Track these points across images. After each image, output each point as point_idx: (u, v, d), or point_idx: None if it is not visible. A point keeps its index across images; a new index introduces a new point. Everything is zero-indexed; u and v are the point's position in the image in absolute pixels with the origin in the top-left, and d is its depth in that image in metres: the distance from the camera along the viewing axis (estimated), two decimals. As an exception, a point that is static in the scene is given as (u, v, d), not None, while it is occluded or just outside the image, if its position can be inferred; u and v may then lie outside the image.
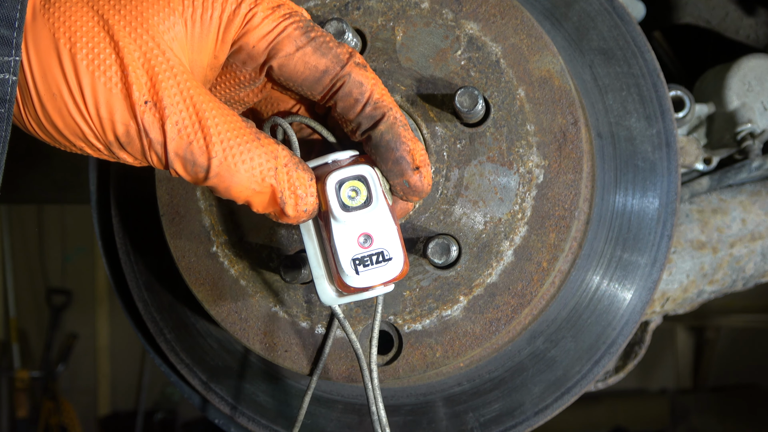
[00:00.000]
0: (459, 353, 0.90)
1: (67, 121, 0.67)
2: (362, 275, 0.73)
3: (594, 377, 1.00)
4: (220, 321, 0.94)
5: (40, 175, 2.38)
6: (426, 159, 0.75)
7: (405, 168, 0.74)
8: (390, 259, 0.73)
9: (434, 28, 0.91)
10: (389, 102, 0.74)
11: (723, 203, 1.28)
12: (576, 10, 1.02)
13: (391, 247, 0.73)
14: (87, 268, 4.63)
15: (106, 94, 0.65)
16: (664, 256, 1.00)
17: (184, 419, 4.52)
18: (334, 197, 0.72)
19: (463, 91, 0.86)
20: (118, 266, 1.14)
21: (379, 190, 0.74)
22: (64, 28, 0.65)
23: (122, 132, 0.67)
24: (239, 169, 0.68)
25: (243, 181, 0.69)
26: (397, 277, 0.74)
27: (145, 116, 0.66)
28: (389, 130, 0.74)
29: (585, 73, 1.01)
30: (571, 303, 1.00)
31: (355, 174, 0.73)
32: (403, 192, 0.76)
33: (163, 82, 0.66)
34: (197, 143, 0.67)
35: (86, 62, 0.65)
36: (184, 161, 0.68)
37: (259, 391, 1.06)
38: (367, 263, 0.73)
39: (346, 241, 0.73)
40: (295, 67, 0.72)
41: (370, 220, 0.73)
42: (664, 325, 1.54)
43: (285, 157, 0.70)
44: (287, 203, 0.70)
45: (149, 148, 0.67)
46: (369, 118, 0.74)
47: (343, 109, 0.74)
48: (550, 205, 0.89)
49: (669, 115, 1.01)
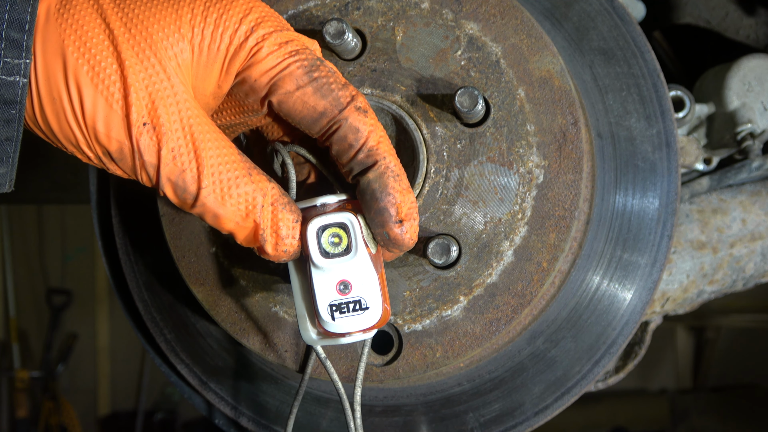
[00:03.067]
0: (459, 353, 0.90)
1: (62, 126, 0.67)
2: (338, 321, 0.74)
3: (594, 377, 1.00)
4: (220, 321, 0.94)
5: (40, 175, 2.38)
6: (413, 213, 0.75)
7: (386, 219, 0.74)
8: (367, 309, 0.74)
9: (434, 28, 0.91)
10: (384, 150, 0.74)
11: (723, 203, 1.28)
12: (576, 10, 1.02)
13: (368, 296, 0.74)
14: (87, 268, 4.63)
15: (105, 110, 0.66)
16: (664, 256, 1.00)
17: (184, 419, 4.52)
18: (314, 243, 0.73)
19: (463, 91, 0.86)
20: (118, 266, 1.14)
21: (359, 239, 0.74)
22: (75, 37, 0.66)
23: (115, 149, 0.68)
24: (226, 203, 0.69)
25: (228, 215, 0.70)
26: (374, 326, 0.75)
27: (141, 138, 0.67)
28: (377, 180, 0.74)
29: (585, 73, 1.01)
30: (571, 303, 1.00)
31: (337, 221, 0.73)
32: (384, 243, 0.76)
33: (164, 106, 0.67)
34: (190, 172, 0.68)
35: (91, 74, 0.66)
36: (174, 186, 0.69)
37: (259, 391, 1.06)
38: (343, 310, 0.74)
39: (324, 287, 0.74)
40: (294, 106, 0.73)
41: (349, 268, 0.74)
42: (664, 325, 1.54)
43: (274, 195, 0.71)
44: (267, 241, 0.71)
45: (141, 168, 0.68)
46: (360, 164, 0.74)
47: (338, 152, 0.75)
48: (550, 205, 0.89)
49: (669, 115, 1.01)
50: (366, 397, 1.03)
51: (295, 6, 0.93)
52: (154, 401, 4.58)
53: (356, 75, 0.92)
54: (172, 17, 0.69)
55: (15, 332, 4.44)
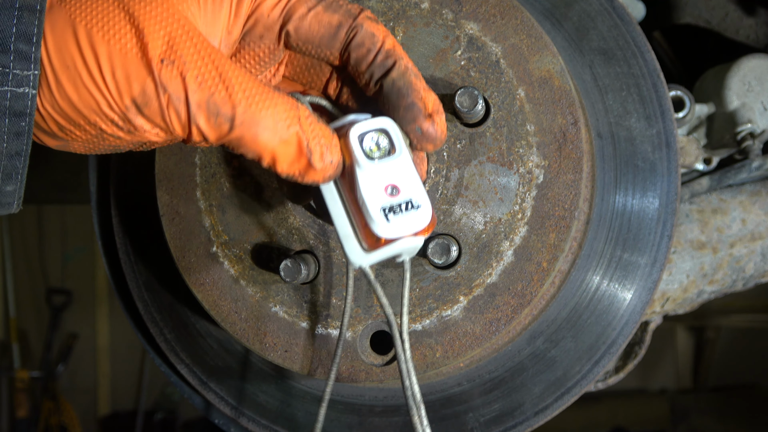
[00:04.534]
0: (459, 353, 0.90)
1: (81, 92, 0.66)
2: (393, 223, 0.71)
3: (594, 377, 1.00)
4: (220, 321, 0.94)
5: (40, 175, 2.38)
6: (439, 107, 0.75)
7: (417, 114, 0.74)
8: (419, 207, 0.72)
9: (434, 28, 0.91)
10: (401, 52, 0.75)
11: (723, 203, 1.28)
12: (576, 10, 1.02)
13: (417, 196, 0.72)
14: (87, 268, 4.63)
15: (121, 58, 0.65)
16: (664, 256, 1.00)
17: (184, 419, 4.52)
18: (358, 148, 0.72)
19: (463, 91, 0.86)
20: (118, 266, 1.14)
21: (401, 140, 0.73)
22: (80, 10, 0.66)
23: (138, 91, 0.66)
24: (264, 117, 0.67)
25: (269, 129, 0.68)
26: (427, 228, 0.72)
27: (163, 71, 0.65)
28: (401, 77, 0.74)
29: (585, 73, 1.01)
30: (571, 303, 1.00)
31: (376, 126, 0.73)
32: (416, 140, 0.75)
33: (181, 43, 0.66)
34: (220, 93, 0.66)
35: (101, 33, 0.65)
36: (207, 112, 0.67)
37: (259, 391, 1.06)
38: (396, 211, 0.71)
39: (373, 192, 0.71)
40: (311, 27, 0.74)
41: (394, 171, 0.72)
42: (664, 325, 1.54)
43: (306, 110, 0.70)
44: (314, 152, 0.70)
45: (168, 105, 0.66)
46: (381, 67, 0.75)
47: (356, 60, 0.75)
48: (550, 205, 0.89)
49: (669, 115, 1.01)
50: (366, 397, 1.03)
51: (295, 6, 0.93)
52: (154, 401, 4.58)
53: (356, 75, 0.92)
54: None
55: (15, 332, 4.44)
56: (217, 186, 0.95)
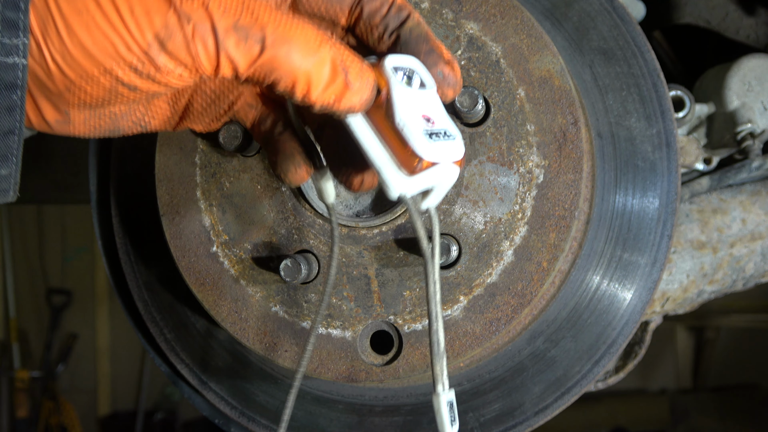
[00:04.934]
0: (459, 353, 0.90)
1: (96, 36, 0.62)
2: (435, 146, 0.70)
3: (594, 377, 1.00)
4: (220, 321, 0.94)
5: (40, 175, 2.38)
6: (454, 57, 0.77)
7: (437, 59, 0.75)
8: (454, 137, 0.72)
9: (434, 28, 0.91)
10: (412, 7, 0.76)
11: (723, 203, 1.28)
12: (576, 10, 1.02)
13: (451, 128, 0.73)
14: (87, 268, 4.63)
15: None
16: (664, 256, 1.00)
17: (184, 419, 4.52)
18: (393, 76, 0.71)
19: (463, 91, 0.86)
20: (118, 266, 1.14)
21: (431, 79, 0.74)
22: None
23: (161, 25, 0.62)
24: (296, 35, 0.65)
25: (301, 47, 0.65)
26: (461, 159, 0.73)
27: (184, 3, 0.62)
28: (417, 26, 0.75)
29: (585, 73, 1.01)
30: (571, 303, 1.00)
31: (407, 63, 0.73)
32: (438, 84, 0.75)
33: None
34: (246, 17, 0.64)
35: None
36: (237, 36, 0.63)
37: (259, 391, 1.06)
38: (435, 137, 0.71)
39: (413, 116, 0.71)
40: None
41: (427, 103, 0.73)
42: (664, 325, 1.54)
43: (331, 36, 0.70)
44: (350, 69, 0.67)
45: (194, 35, 0.63)
46: (396, 18, 0.75)
47: (370, 14, 0.75)
48: (550, 205, 0.89)
49: (669, 115, 1.01)
50: (366, 397, 1.03)
51: (295, 6, 0.93)
52: (154, 401, 4.58)
53: (356, 75, 0.92)
54: None
55: (15, 332, 4.44)
56: (217, 186, 0.95)
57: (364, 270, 0.92)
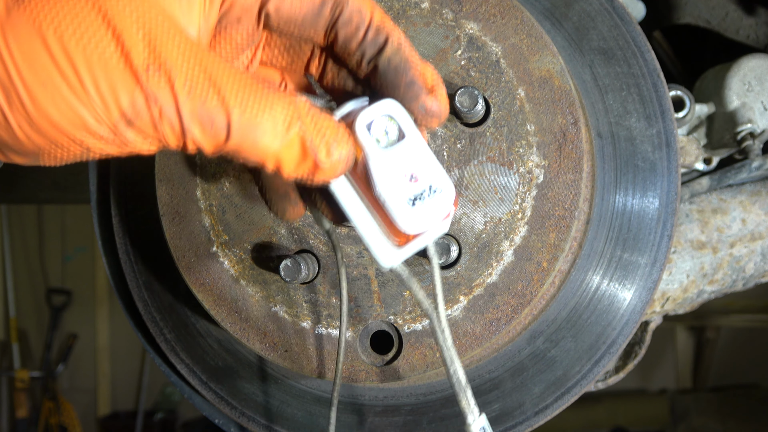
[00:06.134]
0: (459, 353, 0.90)
1: (63, 110, 0.61)
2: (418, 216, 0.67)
3: (594, 377, 1.00)
4: (220, 321, 0.94)
5: (40, 175, 2.38)
6: (439, 79, 0.71)
7: (418, 91, 0.70)
8: (440, 191, 0.68)
9: (434, 28, 0.91)
10: (392, 25, 0.70)
11: (723, 203, 1.28)
12: (576, 10, 1.02)
13: (437, 179, 0.69)
14: (87, 268, 4.63)
15: (103, 67, 0.59)
16: (664, 256, 1.00)
17: (184, 419, 4.53)
18: (367, 138, 0.68)
19: (463, 91, 0.86)
20: (118, 266, 1.14)
21: (410, 121, 0.69)
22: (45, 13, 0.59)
23: (128, 104, 0.61)
24: (261, 121, 0.63)
25: (268, 133, 0.63)
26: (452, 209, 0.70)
27: (150, 80, 0.60)
28: (396, 53, 0.70)
29: (585, 73, 1.01)
30: (571, 303, 1.00)
31: (381, 112, 0.69)
32: (420, 117, 0.72)
33: (165, 43, 0.61)
34: (212, 100, 0.61)
35: (75, 39, 0.59)
36: (201, 122, 0.62)
37: (259, 391, 1.06)
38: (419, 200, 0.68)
39: (392, 184, 0.68)
40: (292, 6, 0.69)
41: (409, 155, 0.69)
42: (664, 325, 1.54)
43: (306, 104, 0.65)
44: (319, 150, 0.65)
45: (161, 117, 0.61)
46: (373, 44, 0.70)
47: (345, 39, 0.71)
48: (550, 205, 0.89)
49: (669, 115, 1.01)
50: (366, 397, 1.03)
51: (295, 6, 0.93)
52: (154, 401, 4.59)
53: (356, 75, 0.92)
54: None
55: (15, 332, 4.44)
56: (217, 186, 0.95)
57: (364, 270, 0.92)
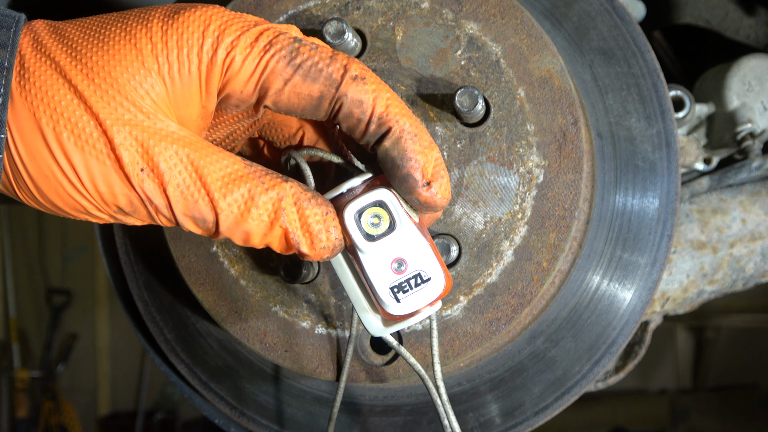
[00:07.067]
0: (459, 353, 0.90)
1: (65, 199, 0.66)
2: (404, 302, 0.70)
3: (594, 377, 1.00)
4: (220, 321, 0.94)
5: (40, 175, 2.38)
6: (440, 170, 0.70)
7: (413, 185, 0.69)
8: (429, 280, 0.70)
9: (434, 28, 0.91)
10: (395, 113, 0.69)
11: (723, 203, 1.28)
12: (576, 10, 1.02)
13: (426, 267, 0.70)
14: (87, 268, 4.63)
15: (101, 169, 0.64)
16: (664, 256, 1.00)
17: (184, 419, 4.52)
18: (356, 230, 0.69)
19: (463, 91, 0.86)
20: (118, 266, 1.14)
21: (401, 212, 0.70)
22: (44, 106, 0.64)
23: (125, 203, 0.66)
24: (247, 219, 0.66)
25: (254, 230, 0.67)
26: (440, 296, 0.71)
27: (144, 185, 0.65)
28: (394, 146, 0.69)
29: (585, 73, 1.02)
30: (571, 303, 1.00)
31: (372, 201, 0.70)
32: (417, 208, 0.72)
33: (155, 146, 0.64)
34: (203, 201, 0.65)
35: (73, 139, 0.63)
36: (194, 220, 0.67)
37: (259, 391, 1.06)
38: (406, 289, 0.70)
39: (379, 272, 0.70)
40: (290, 100, 0.68)
41: (399, 244, 0.70)
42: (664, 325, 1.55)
43: (295, 194, 0.67)
44: (301, 243, 0.67)
45: (156, 213, 0.67)
46: (374, 135, 0.70)
47: (348, 130, 0.71)
48: (550, 205, 0.89)
49: (669, 115, 1.01)
50: (366, 397, 1.03)
51: (295, 6, 0.93)
52: (154, 401, 4.58)
53: (356, 75, 0.92)
54: (132, 53, 0.65)
55: (15, 332, 4.44)
56: (217, 186, 0.95)
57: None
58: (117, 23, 0.67)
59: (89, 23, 0.68)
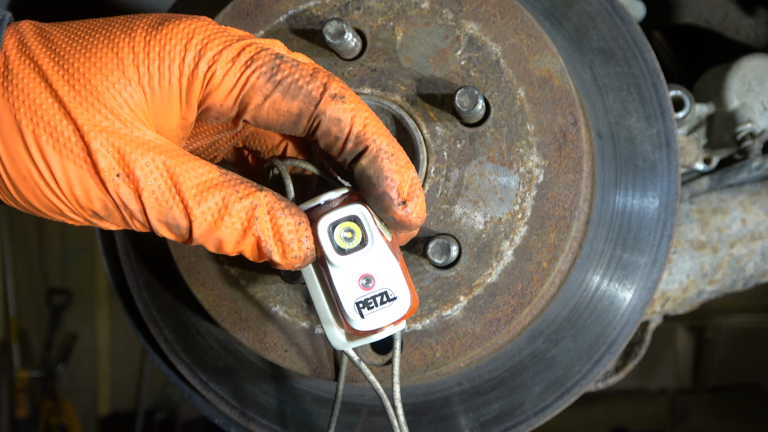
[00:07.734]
0: (459, 353, 0.90)
1: (42, 201, 0.66)
2: (368, 318, 0.71)
3: (594, 377, 1.00)
4: (220, 321, 0.94)
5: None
6: (416, 190, 0.71)
7: (388, 204, 0.70)
8: (394, 299, 0.71)
9: (434, 28, 0.91)
10: (372, 133, 0.70)
11: (723, 203, 1.28)
12: (576, 10, 1.02)
13: (394, 286, 0.71)
14: (87, 268, 4.63)
15: (77, 173, 0.65)
16: (664, 256, 1.00)
17: (184, 419, 4.52)
18: (327, 242, 0.70)
19: (463, 91, 0.86)
20: (118, 266, 1.14)
21: (374, 229, 0.71)
22: (24, 108, 0.64)
23: (100, 207, 0.67)
24: (220, 227, 0.67)
25: (227, 238, 0.68)
26: (404, 316, 0.72)
27: (120, 190, 0.65)
28: (370, 165, 0.70)
29: (585, 73, 1.02)
30: (571, 303, 1.00)
31: (346, 215, 0.71)
32: (392, 226, 0.73)
33: (132, 153, 0.65)
34: (177, 208, 0.66)
35: (51, 143, 0.64)
36: (168, 226, 0.67)
37: (259, 391, 1.06)
38: (371, 305, 0.71)
39: (346, 285, 0.71)
40: (269, 116, 0.69)
41: (368, 261, 0.71)
42: (664, 325, 1.54)
43: (269, 203, 0.68)
44: (273, 252, 0.68)
45: (131, 218, 0.67)
46: (351, 153, 0.70)
47: (326, 147, 0.72)
48: (550, 205, 0.89)
49: (669, 115, 1.01)
50: (366, 397, 1.03)
51: (295, 6, 0.93)
52: (154, 401, 4.58)
53: (356, 75, 0.92)
54: (113, 62, 0.66)
55: (15, 332, 4.44)
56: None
57: (364, 270, 0.92)
58: (102, 30, 0.68)
59: (75, 28, 0.69)
